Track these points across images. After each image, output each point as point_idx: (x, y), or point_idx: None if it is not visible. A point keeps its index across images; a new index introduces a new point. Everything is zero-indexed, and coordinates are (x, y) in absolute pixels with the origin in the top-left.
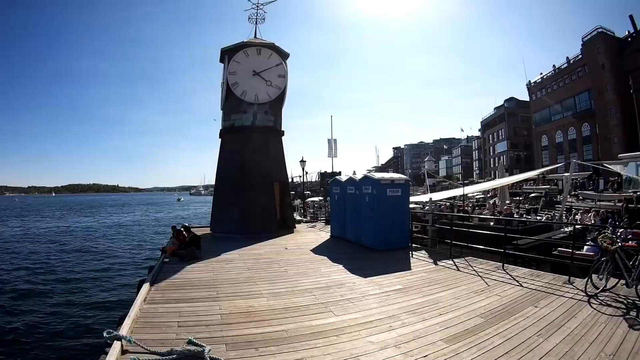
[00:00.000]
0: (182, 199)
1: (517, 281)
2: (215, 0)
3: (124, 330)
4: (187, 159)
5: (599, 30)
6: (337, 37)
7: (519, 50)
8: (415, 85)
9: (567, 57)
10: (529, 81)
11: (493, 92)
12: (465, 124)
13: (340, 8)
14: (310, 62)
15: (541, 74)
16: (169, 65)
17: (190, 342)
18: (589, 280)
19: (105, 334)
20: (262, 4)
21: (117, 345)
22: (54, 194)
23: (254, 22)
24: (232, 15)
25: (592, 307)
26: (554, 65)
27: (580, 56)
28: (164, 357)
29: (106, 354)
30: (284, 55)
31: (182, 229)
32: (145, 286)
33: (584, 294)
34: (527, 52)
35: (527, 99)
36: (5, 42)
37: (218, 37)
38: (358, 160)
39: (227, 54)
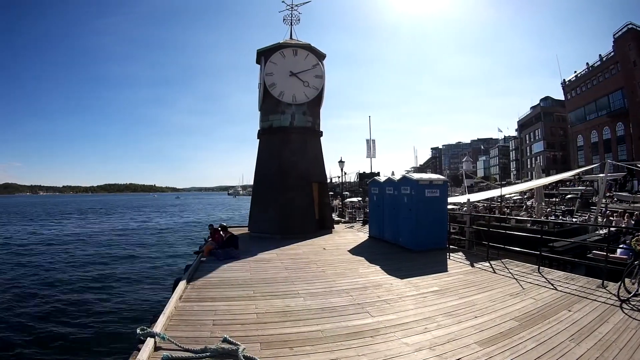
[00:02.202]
0: (236, 197)
1: (552, 284)
2: (250, 4)
3: (158, 327)
4: (224, 159)
5: (629, 26)
6: (370, 39)
7: (554, 48)
8: (448, 84)
9: (600, 55)
10: (564, 80)
11: (530, 91)
12: (502, 124)
13: (370, 10)
14: (345, 64)
15: (575, 72)
16: (204, 67)
17: (225, 340)
18: (622, 284)
19: (138, 331)
20: (296, 5)
21: (150, 342)
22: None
23: (289, 24)
24: (267, 18)
25: (623, 312)
26: (587, 63)
27: (612, 53)
28: (197, 355)
29: (139, 350)
30: (321, 56)
31: (219, 229)
32: (181, 284)
33: (617, 299)
34: (563, 49)
35: (562, 97)
36: (39, 49)
37: (253, 39)
38: (396, 161)
39: (264, 55)
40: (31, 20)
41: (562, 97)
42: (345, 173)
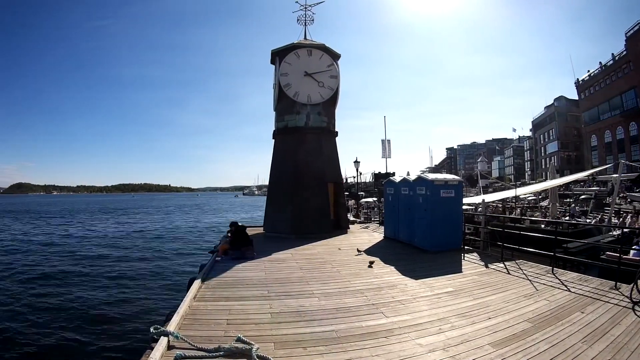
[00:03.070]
0: (237, 196)
1: (566, 286)
2: (263, 6)
3: (171, 326)
4: (239, 160)
5: None
6: (384, 39)
7: (567, 48)
8: (461, 84)
9: (613, 54)
10: (577, 79)
11: (544, 90)
12: (517, 123)
13: (383, 10)
14: (358, 64)
15: (588, 71)
16: (219, 68)
17: (239, 340)
18: (634, 286)
19: (152, 330)
20: (310, 5)
21: (163, 340)
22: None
23: (303, 24)
24: (281, 19)
25: (636, 315)
26: (600, 62)
27: (624, 52)
28: (210, 354)
29: (152, 349)
30: (335, 56)
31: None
32: (196, 284)
33: (629, 301)
34: (577, 49)
35: (576, 97)
36: (49, 48)
37: (268, 39)
38: (411, 161)
39: (278, 56)
40: (41, 19)
41: (576, 97)
42: (360, 173)
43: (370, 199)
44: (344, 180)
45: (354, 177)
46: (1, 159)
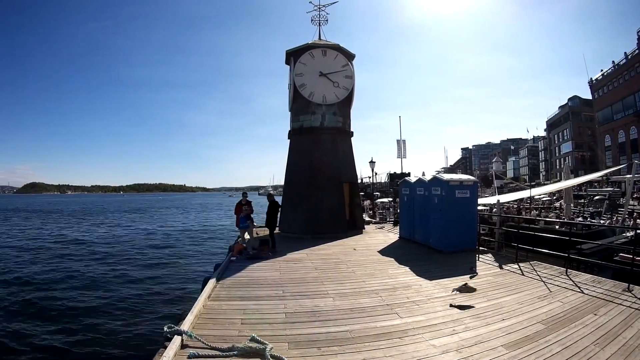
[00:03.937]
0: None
1: (579, 287)
2: (277, 7)
3: (185, 325)
4: (254, 160)
5: None
6: (396, 39)
7: (580, 47)
8: (474, 84)
9: (625, 53)
10: (591, 78)
11: (558, 90)
12: (532, 123)
13: (395, 9)
14: (372, 64)
15: (602, 70)
16: (233, 69)
17: (253, 339)
18: None
19: (166, 329)
20: (323, 6)
21: (177, 339)
22: (121, 193)
23: (317, 24)
24: (296, 20)
25: None
26: (613, 61)
27: (636, 51)
28: (224, 353)
29: (166, 347)
30: (350, 56)
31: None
32: (210, 283)
33: None
34: (591, 48)
35: (590, 97)
36: (66, 53)
37: (282, 40)
38: (426, 162)
39: (293, 56)
40: (51, 21)
41: (590, 96)
42: (376, 173)
43: (385, 199)
44: (360, 181)
45: (370, 177)
46: (12, 159)
